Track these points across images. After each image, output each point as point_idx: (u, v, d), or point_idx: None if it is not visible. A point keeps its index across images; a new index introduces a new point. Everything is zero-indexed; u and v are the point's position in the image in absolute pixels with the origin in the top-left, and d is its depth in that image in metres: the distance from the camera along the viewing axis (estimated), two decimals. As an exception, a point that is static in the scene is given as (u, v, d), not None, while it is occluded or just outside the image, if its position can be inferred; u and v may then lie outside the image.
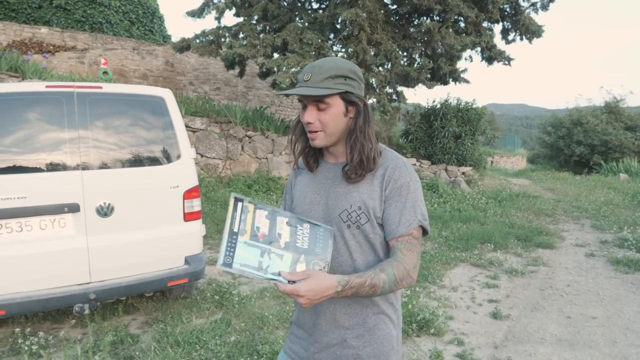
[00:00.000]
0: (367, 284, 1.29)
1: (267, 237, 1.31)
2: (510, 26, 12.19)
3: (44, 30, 14.18)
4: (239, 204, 1.32)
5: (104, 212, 3.55)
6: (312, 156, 1.53)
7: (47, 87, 3.54)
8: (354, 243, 1.41)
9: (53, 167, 3.43)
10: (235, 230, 1.29)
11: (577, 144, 20.92)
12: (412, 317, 3.93)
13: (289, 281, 1.24)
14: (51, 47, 13.59)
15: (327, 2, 12.20)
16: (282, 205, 1.67)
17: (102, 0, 15.85)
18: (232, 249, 1.26)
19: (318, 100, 1.37)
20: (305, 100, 1.39)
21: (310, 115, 1.38)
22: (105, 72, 10.04)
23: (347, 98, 1.39)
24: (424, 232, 1.43)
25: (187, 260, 3.96)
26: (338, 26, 11.51)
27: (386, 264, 1.34)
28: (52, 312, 4.05)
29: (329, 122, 1.38)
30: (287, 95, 1.48)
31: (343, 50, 11.78)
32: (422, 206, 1.42)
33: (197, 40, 11.87)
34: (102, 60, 11.67)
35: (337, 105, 1.38)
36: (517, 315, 4.37)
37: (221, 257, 1.24)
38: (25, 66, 8.95)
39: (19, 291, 3.28)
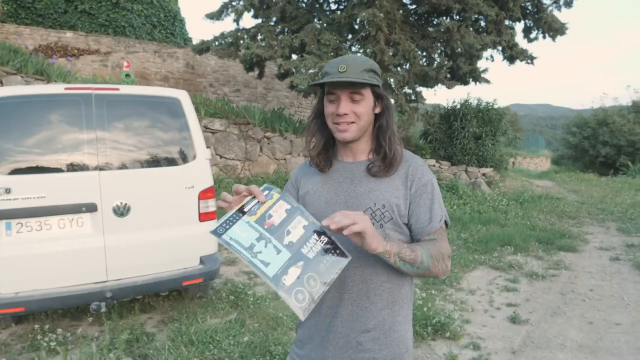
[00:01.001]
0: (406, 247, 1.30)
1: (274, 228, 1.26)
2: (532, 24, 12.00)
3: (69, 34, 14.50)
4: (266, 192, 1.32)
5: (121, 212, 3.60)
6: (325, 156, 1.52)
7: (66, 89, 3.62)
8: None
9: (71, 168, 3.50)
10: (245, 210, 1.27)
11: (603, 145, 20.46)
12: (427, 320, 3.88)
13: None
14: (75, 51, 13.88)
15: (345, 3, 12.19)
16: None
17: (125, 5, 16.15)
18: (230, 223, 1.24)
19: (354, 92, 1.38)
20: (340, 92, 1.38)
21: (346, 106, 1.38)
22: (127, 75, 10.25)
23: (376, 92, 1.42)
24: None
25: (202, 260, 3.99)
26: (356, 27, 11.48)
27: (423, 243, 1.37)
28: (71, 309, 4.12)
29: (363, 114, 1.39)
30: (310, 94, 1.47)
31: (361, 50, 11.75)
32: (442, 201, 1.48)
33: (216, 43, 11.99)
34: (125, 63, 11.92)
35: (369, 98, 1.41)
36: (536, 320, 4.28)
37: (215, 225, 1.23)
38: (50, 69, 9.17)
39: (38, 288, 3.35)
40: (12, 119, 3.38)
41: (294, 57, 11.41)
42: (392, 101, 11.34)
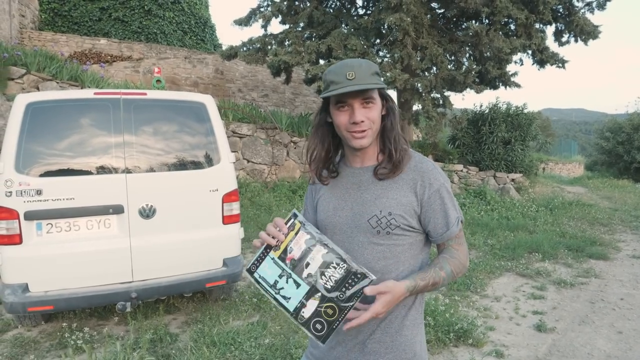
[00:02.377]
0: (430, 284, 1.36)
1: (294, 262, 1.31)
2: (563, 27, 11.74)
3: (102, 41, 14.95)
4: (291, 220, 1.35)
5: (146, 213, 3.69)
6: (327, 168, 1.51)
7: (95, 94, 3.73)
8: (384, 249, 1.38)
9: (100, 170, 3.60)
10: (272, 244, 1.34)
11: (638, 150, 19.80)
12: (450, 326, 3.83)
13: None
14: (109, 57, 14.29)
15: (372, 8, 12.20)
16: (303, 212, 1.64)
17: (157, 12, 16.54)
18: (260, 260, 1.34)
19: (366, 98, 1.36)
20: (352, 100, 1.35)
21: (360, 114, 1.35)
22: (158, 80, 10.49)
23: (382, 94, 1.42)
24: None
25: (225, 263, 4.04)
26: (383, 31, 11.47)
27: (443, 262, 1.40)
28: (98, 309, 4.23)
29: (376, 118, 1.38)
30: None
31: (388, 55, 11.72)
32: (456, 202, 1.46)
33: (244, 48, 12.14)
34: (156, 69, 12.21)
35: (379, 101, 1.40)
36: (563, 329, 4.18)
37: (249, 263, 1.36)
38: (84, 75, 9.45)
39: (66, 288, 3.46)
40: (44, 123, 3.51)
41: (321, 62, 11.47)
42: (420, 106, 11.27)
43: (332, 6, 12.74)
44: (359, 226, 1.40)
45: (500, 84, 12.01)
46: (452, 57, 12.10)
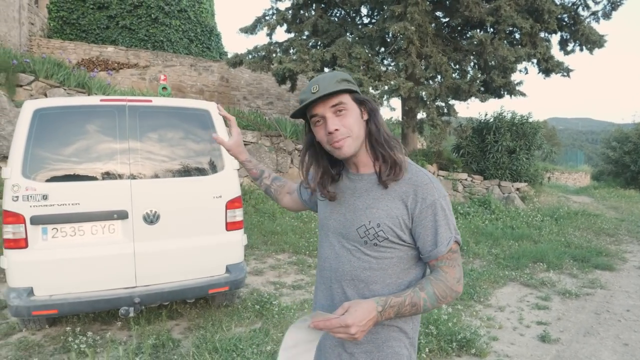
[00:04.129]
0: (407, 303, 1.28)
1: None
2: (568, 36, 11.77)
3: (110, 49, 15.09)
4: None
5: (150, 219, 3.71)
6: (329, 182, 1.49)
7: (101, 100, 3.78)
8: (370, 259, 1.37)
9: (105, 176, 3.63)
10: None
11: (645, 160, 19.70)
12: (452, 336, 3.82)
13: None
14: (115, 65, 14.42)
15: (377, 17, 12.27)
16: (300, 182, 1.68)
17: (163, 20, 16.70)
18: None
19: (335, 105, 1.33)
20: (323, 111, 1.34)
21: (334, 123, 1.32)
22: (164, 88, 10.54)
23: (358, 99, 1.38)
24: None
25: (228, 269, 4.06)
26: (387, 40, 11.53)
27: (426, 282, 1.33)
28: (102, 313, 4.25)
29: (353, 124, 1.34)
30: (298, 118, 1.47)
31: (393, 63, 11.77)
32: (453, 220, 1.38)
33: (250, 56, 12.24)
34: (162, 77, 12.29)
35: (353, 107, 1.36)
36: (567, 340, 4.15)
37: None
38: (91, 82, 9.56)
39: (70, 292, 3.48)
40: (51, 129, 3.55)
41: (326, 70, 11.52)
42: (424, 115, 11.29)
43: (337, 15, 12.84)
44: (349, 234, 1.40)
45: (505, 93, 12.02)
46: (457, 66, 12.15)
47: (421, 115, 11.88)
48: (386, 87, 10.48)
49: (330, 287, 1.45)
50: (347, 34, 11.99)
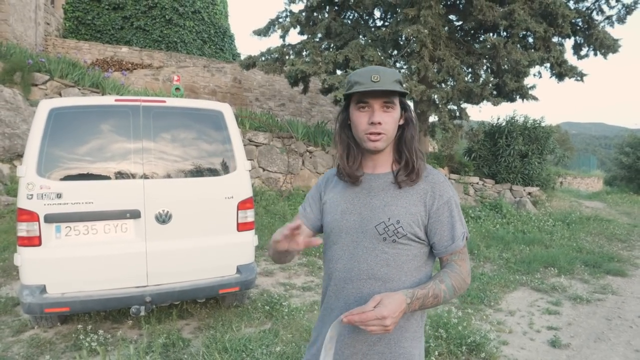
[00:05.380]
0: (430, 295, 1.33)
1: None
2: (582, 41, 11.65)
3: (124, 49, 15.24)
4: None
5: (163, 219, 3.74)
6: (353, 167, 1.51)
7: (116, 100, 3.82)
8: (388, 257, 1.39)
9: (118, 176, 3.67)
10: None
11: (659, 166, 19.46)
12: (462, 340, 3.79)
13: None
14: (129, 65, 14.56)
15: (390, 20, 12.26)
16: (302, 207, 1.66)
17: (177, 21, 16.83)
18: None
19: (387, 102, 1.39)
20: (374, 101, 1.39)
21: (380, 116, 1.38)
22: (177, 89, 10.65)
23: (403, 103, 1.45)
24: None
25: (238, 270, 4.07)
26: (400, 43, 11.51)
27: (444, 275, 1.38)
28: (113, 312, 4.29)
29: (393, 123, 1.41)
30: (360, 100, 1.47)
31: (405, 66, 11.75)
32: (463, 217, 1.46)
33: (263, 58, 12.27)
34: (175, 77, 12.40)
35: (398, 108, 1.43)
36: (578, 345, 4.11)
37: None
38: (105, 82, 9.66)
39: (82, 290, 3.52)
40: (66, 128, 3.59)
41: (338, 72, 11.53)
42: (436, 118, 11.25)
43: (350, 17, 12.84)
44: (366, 231, 1.41)
45: (518, 97, 11.92)
46: (470, 69, 12.09)
47: (433, 118, 11.84)
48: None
49: (343, 288, 1.45)
50: (360, 36, 11.99)
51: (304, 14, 12.12)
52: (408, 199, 1.40)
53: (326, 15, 12.10)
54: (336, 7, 12.28)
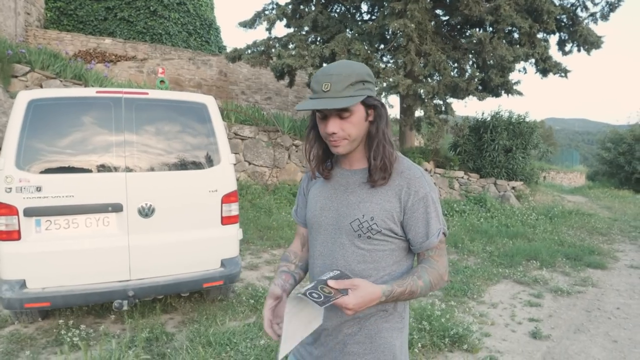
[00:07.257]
0: (406, 292, 1.33)
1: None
2: (567, 37, 11.79)
3: (107, 40, 14.98)
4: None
5: (145, 212, 3.70)
6: (329, 163, 1.52)
7: (97, 92, 3.76)
8: (364, 252, 1.39)
9: (100, 169, 3.62)
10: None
11: (639, 161, 19.81)
12: (445, 332, 3.83)
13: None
14: (113, 57, 14.33)
15: (377, 13, 12.24)
16: (294, 211, 1.70)
17: (162, 13, 16.59)
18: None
19: (340, 111, 1.32)
20: (327, 111, 1.34)
21: (334, 126, 1.33)
22: (162, 81, 10.50)
23: (367, 102, 1.36)
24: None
25: (223, 263, 4.05)
26: (387, 37, 11.51)
27: (422, 271, 1.38)
28: (95, 306, 4.24)
29: (353, 129, 1.35)
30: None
31: (392, 60, 11.76)
32: (441, 213, 1.44)
33: (249, 51, 12.19)
34: (160, 70, 12.22)
35: (359, 111, 1.35)
36: (558, 336, 4.18)
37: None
38: (88, 74, 9.48)
39: (63, 285, 3.47)
40: (46, 120, 3.53)
41: (325, 66, 11.49)
42: (422, 112, 11.29)
43: (337, 11, 12.80)
44: (342, 228, 1.41)
45: (503, 92, 12.03)
46: (455, 64, 12.15)
47: (419, 113, 11.89)
48: (385, 84, 10.46)
49: None
50: (347, 30, 11.96)
51: (290, 6, 12.05)
52: (383, 195, 1.38)
53: (313, 8, 12.05)
54: (323, 0, 12.23)
